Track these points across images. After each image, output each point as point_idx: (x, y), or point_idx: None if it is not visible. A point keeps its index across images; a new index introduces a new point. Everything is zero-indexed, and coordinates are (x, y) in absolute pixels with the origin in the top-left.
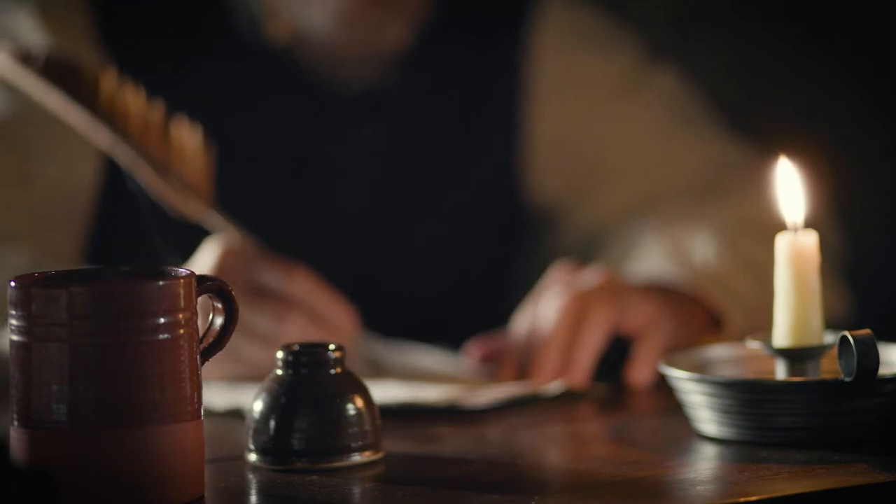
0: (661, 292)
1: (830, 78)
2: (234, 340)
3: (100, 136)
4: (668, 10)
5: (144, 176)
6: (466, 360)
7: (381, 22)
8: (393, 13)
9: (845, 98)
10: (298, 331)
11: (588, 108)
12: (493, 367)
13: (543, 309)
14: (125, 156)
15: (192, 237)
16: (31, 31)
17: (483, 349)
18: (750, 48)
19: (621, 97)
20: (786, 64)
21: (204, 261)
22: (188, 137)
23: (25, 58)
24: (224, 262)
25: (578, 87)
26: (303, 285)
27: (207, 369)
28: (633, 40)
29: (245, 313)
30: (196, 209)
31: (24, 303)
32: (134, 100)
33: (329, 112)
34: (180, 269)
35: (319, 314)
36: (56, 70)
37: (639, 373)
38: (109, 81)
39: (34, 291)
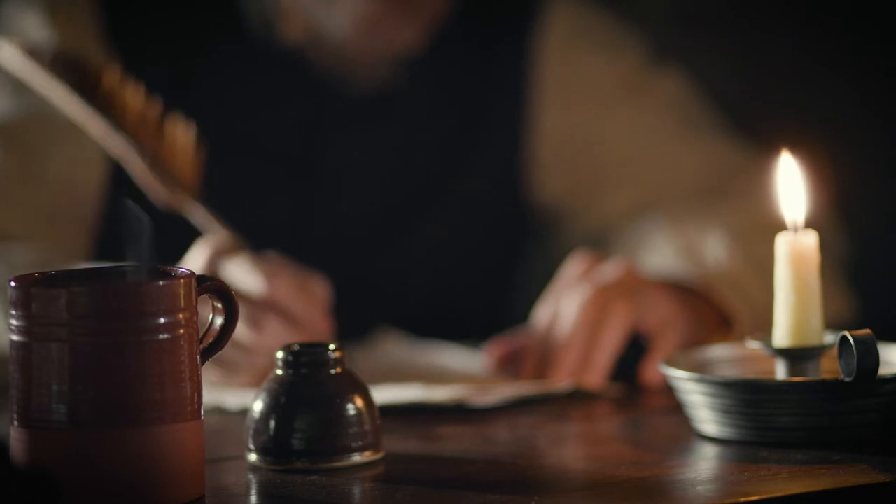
0: (677, 289)
1: (833, 78)
2: None
3: (95, 127)
4: (672, 10)
5: (134, 166)
6: (486, 359)
7: (399, 26)
8: (410, 17)
9: (849, 98)
10: (273, 337)
11: (593, 109)
12: (513, 367)
13: (563, 305)
14: (118, 146)
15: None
16: (39, 31)
17: (502, 350)
18: (752, 48)
19: (626, 99)
20: (788, 64)
21: (193, 263)
22: (182, 134)
23: (33, 52)
24: (211, 265)
25: (583, 88)
26: (281, 288)
27: None
28: (639, 41)
29: None
30: (180, 202)
31: (23, 303)
32: (133, 95)
33: (338, 112)
34: (180, 269)
35: (295, 319)
36: (61, 65)
37: (654, 372)
38: (111, 77)
39: (34, 291)
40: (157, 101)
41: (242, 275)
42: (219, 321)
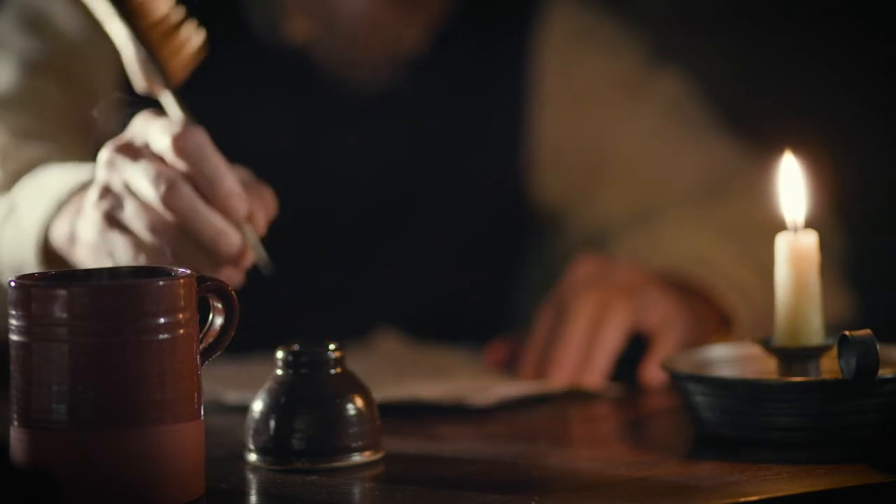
0: (678, 289)
1: (833, 78)
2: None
3: (112, 21)
4: (672, 10)
5: (130, 47)
6: (486, 360)
7: (401, 26)
8: (411, 18)
9: (849, 98)
10: (185, 200)
11: (592, 110)
12: (513, 367)
13: (564, 305)
14: (118, 32)
15: None
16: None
17: (502, 351)
18: (752, 48)
19: (625, 100)
20: (788, 64)
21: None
22: (188, 36)
23: None
24: (142, 121)
25: (582, 89)
26: (191, 145)
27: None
28: (638, 42)
29: (128, 172)
30: (156, 87)
31: (23, 303)
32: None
33: (338, 112)
34: (180, 269)
35: (207, 179)
36: None
37: (654, 372)
38: None
39: (34, 291)
40: (180, 9)
41: (162, 127)
42: (219, 321)
